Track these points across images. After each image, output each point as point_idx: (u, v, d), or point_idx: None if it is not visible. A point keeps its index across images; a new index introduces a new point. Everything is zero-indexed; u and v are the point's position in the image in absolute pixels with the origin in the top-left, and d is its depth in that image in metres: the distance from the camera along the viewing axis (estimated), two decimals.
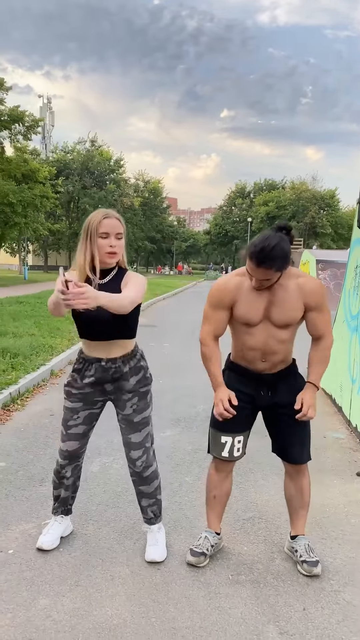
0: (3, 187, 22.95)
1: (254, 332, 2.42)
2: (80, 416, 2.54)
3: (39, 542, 2.61)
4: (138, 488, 2.61)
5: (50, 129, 58.28)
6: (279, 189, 60.69)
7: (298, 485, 2.59)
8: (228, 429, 2.53)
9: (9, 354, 6.61)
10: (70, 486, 2.67)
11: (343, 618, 2.20)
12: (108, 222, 2.33)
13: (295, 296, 2.37)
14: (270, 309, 2.37)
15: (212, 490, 2.65)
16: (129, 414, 2.51)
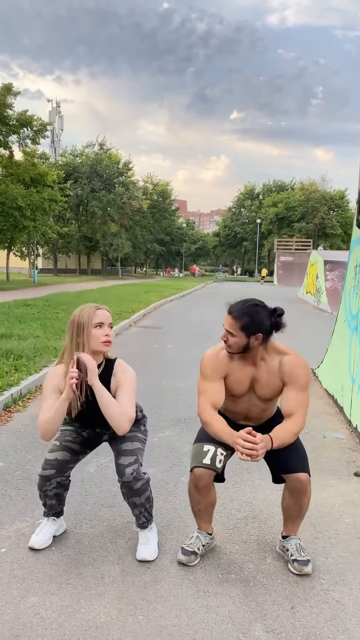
0: (12, 191, 23.11)
1: (238, 401, 2.56)
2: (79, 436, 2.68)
3: (31, 541, 2.62)
4: (130, 500, 2.54)
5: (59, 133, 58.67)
6: (288, 190, 60.57)
7: (297, 501, 2.51)
8: (212, 440, 2.52)
9: (12, 355, 6.66)
10: (55, 496, 2.62)
11: (331, 617, 2.19)
12: (101, 313, 2.45)
13: (275, 373, 2.45)
14: (254, 384, 2.50)
15: (196, 505, 2.61)
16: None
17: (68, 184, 33.85)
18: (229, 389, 2.52)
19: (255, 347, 2.41)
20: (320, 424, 4.86)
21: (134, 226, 47.69)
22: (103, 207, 41.90)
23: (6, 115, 23.53)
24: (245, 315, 2.33)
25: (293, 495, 2.51)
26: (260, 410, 2.57)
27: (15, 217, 23.62)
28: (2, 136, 24.30)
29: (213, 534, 2.70)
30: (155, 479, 3.52)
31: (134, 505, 2.58)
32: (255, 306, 2.36)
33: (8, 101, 23.33)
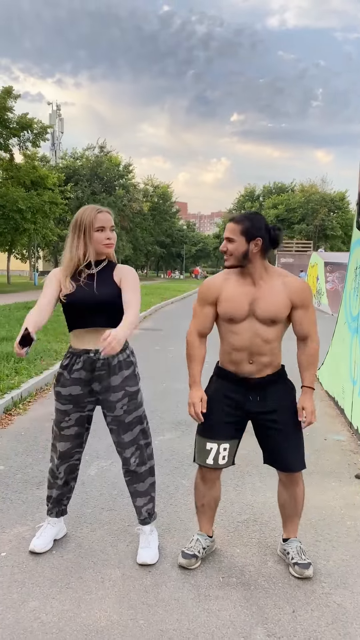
0: (12, 193, 23.14)
1: (240, 331, 2.41)
2: (72, 418, 2.56)
3: (31, 545, 2.62)
4: (132, 487, 2.61)
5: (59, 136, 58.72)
6: (288, 191, 60.58)
7: (292, 494, 2.54)
8: (214, 436, 2.49)
9: (12, 358, 6.66)
10: (62, 486, 2.67)
11: (332, 621, 2.18)
12: (102, 217, 2.44)
13: (281, 292, 2.39)
14: (255, 304, 2.38)
15: (200, 499, 2.62)
16: (119, 415, 2.51)
17: (68, 187, 33.86)
18: (225, 310, 2.41)
19: (255, 260, 2.36)
20: (321, 426, 4.85)
21: (135, 228, 47.72)
22: None
23: (6, 118, 23.56)
24: (246, 219, 2.35)
25: (286, 488, 2.55)
26: (263, 343, 2.39)
27: (15, 219, 23.65)
28: (3, 139, 24.33)
29: (214, 537, 2.69)
30: (157, 482, 3.51)
31: (136, 494, 2.60)
32: (257, 214, 2.39)
33: (8, 104, 23.37)
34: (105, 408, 2.54)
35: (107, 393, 2.51)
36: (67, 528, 2.86)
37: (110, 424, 2.56)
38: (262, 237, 2.35)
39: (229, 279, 2.45)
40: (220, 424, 2.49)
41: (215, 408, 2.50)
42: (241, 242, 2.34)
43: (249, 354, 2.43)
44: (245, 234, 2.33)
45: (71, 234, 2.46)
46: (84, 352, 2.49)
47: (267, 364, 2.45)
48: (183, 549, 2.57)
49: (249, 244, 2.34)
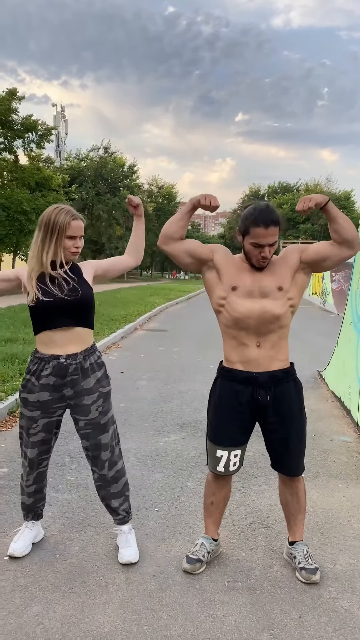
0: (17, 195, 23.19)
1: (244, 307, 2.32)
2: (40, 424, 2.50)
3: (10, 549, 2.57)
4: (106, 490, 2.57)
5: (64, 137, 58.80)
6: (293, 191, 60.45)
7: (293, 491, 2.53)
8: (224, 443, 2.46)
9: (17, 360, 6.65)
10: (34, 493, 2.63)
11: (340, 626, 2.14)
12: (76, 225, 2.38)
13: (279, 261, 2.39)
14: (259, 280, 2.35)
15: (209, 497, 2.61)
16: (95, 417, 2.48)
17: (73, 188, 33.91)
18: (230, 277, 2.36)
19: None
20: (327, 427, 4.81)
21: None
22: (108, 210, 41.99)
23: (11, 120, 23.63)
24: (280, 216, 2.29)
25: (287, 486, 2.53)
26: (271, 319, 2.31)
27: (20, 221, 23.69)
28: (7, 141, 24.41)
29: (219, 540, 2.66)
30: (161, 484, 3.48)
31: (111, 497, 2.58)
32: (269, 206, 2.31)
33: (13, 106, 23.44)
34: (78, 413, 2.49)
35: (81, 397, 2.46)
36: (70, 532, 2.83)
37: (84, 428, 2.50)
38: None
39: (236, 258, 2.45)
40: (230, 430, 2.45)
41: (223, 413, 2.45)
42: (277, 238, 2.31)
43: (255, 334, 2.35)
44: (282, 228, 2.31)
45: (41, 235, 2.37)
46: (53, 358, 2.42)
47: (275, 349, 2.37)
48: (187, 553, 2.54)
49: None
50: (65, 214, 2.36)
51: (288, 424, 2.42)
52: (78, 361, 2.44)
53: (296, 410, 2.44)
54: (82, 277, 2.49)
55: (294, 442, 2.44)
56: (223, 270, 2.40)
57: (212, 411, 2.52)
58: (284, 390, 2.41)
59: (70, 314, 2.40)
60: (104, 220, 42.41)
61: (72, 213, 2.37)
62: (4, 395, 5.11)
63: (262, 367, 2.37)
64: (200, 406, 5.42)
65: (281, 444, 2.45)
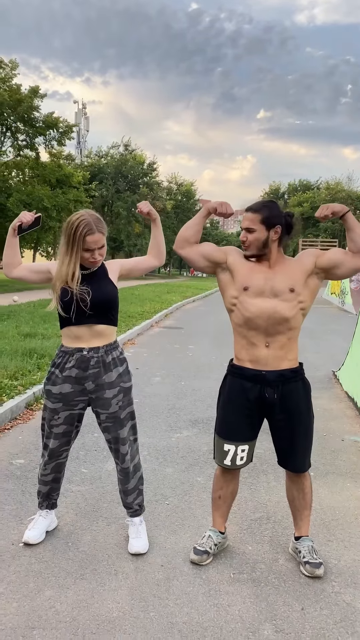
0: (38, 192, 23.50)
1: (254, 306, 2.40)
2: (61, 416, 2.59)
3: (25, 536, 2.68)
4: (124, 486, 2.69)
5: (85, 134, 59.24)
6: (313, 189, 59.96)
7: (299, 487, 2.60)
8: (232, 437, 2.53)
9: (35, 354, 6.80)
10: (52, 482, 2.74)
11: (341, 619, 2.20)
12: (91, 239, 2.42)
13: (294, 264, 2.46)
14: (272, 279, 2.42)
15: (217, 490, 2.69)
16: (115, 411, 2.58)
17: (93, 185, 34.23)
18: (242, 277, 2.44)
19: (272, 247, 2.41)
20: (339, 427, 4.84)
21: None
22: (127, 207, 42.22)
23: (33, 117, 23.92)
24: (265, 207, 2.38)
25: (294, 482, 2.59)
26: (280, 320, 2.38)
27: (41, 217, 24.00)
28: (29, 138, 24.73)
29: (226, 534, 2.73)
30: (172, 478, 3.57)
31: (128, 492, 2.69)
32: (272, 202, 2.42)
33: (35, 103, 23.73)
34: (99, 406, 2.58)
35: (102, 390, 2.55)
36: (83, 521, 2.93)
37: (105, 421, 2.60)
38: (281, 224, 2.40)
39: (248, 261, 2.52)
40: (238, 425, 2.52)
41: (232, 409, 2.53)
42: (261, 230, 2.38)
43: (264, 335, 2.42)
44: (265, 222, 2.37)
45: (64, 245, 2.47)
46: (77, 351, 2.53)
47: (284, 349, 2.43)
48: (195, 545, 2.62)
49: (269, 232, 2.38)
50: (83, 227, 2.38)
51: (295, 422, 2.48)
52: (100, 354, 2.54)
53: (303, 408, 2.49)
54: (107, 276, 2.58)
55: (300, 440, 2.51)
56: (236, 271, 2.48)
57: (221, 407, 2.60)
58: (291, 389, 2.47)
59: (94, 312, 2.50)
60: (123, 218, 42.66)
61: (89, 227, 2.39)
62: (22, 389, 5.24)
63: (270, 366, 2.44)
64: (213, 404, 5.48)
65: (287, 442, 2.52)
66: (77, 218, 2.43)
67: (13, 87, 23.28)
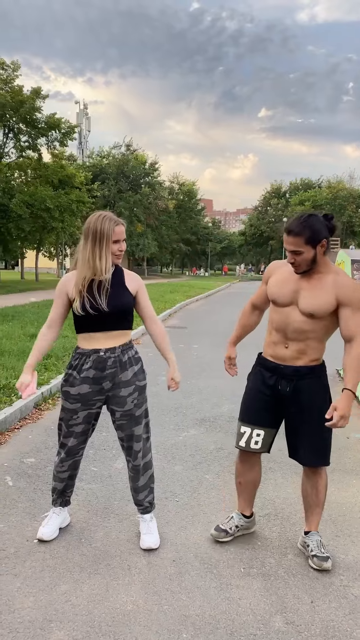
0: (41, 192, 23.54)
1: (281, 313, 2.53)
2: (80, 416, 2.66)
3: (39, 533, 2.74)
4: (135, 483, 2.75)
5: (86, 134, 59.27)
6: (315, 188, 59.95)
7: (313, 485, 2.66)
8: (248, 420, 2.68)
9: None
10: (67, 479, 2.80)
11: (350, 611, 2.26)
12: (119, 230, 2.55)
13: (329, 288, 2.43)
14: (300, 293, 2.48)
15: (238, 477, 2.83)
16: (130, 409, 2.64)
17: (95, 185, 34.25)
18: (271, 292, 2.57)
19: (320, 258, 2.43)
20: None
21: (160, 226, 47.96)
22: (130, 207, 42.27)
23: (35, 118, 23.97)
24: (306, 227, 2.36)
25: (309, 478, 2.68)
26: (297, 331, 2.47)
27: (44, 218, 24.05)
28: (31, 139, 24.76)
29: (252, 518, 2.85)
30: (180, 476, 3.63)
31: (139, 489, 2.75)
32: (310, 217, 2.40)
33: (37, 104, 23.77)
34: (114, 404, 2.65)
35: (118, 389, 2.62)
36: (95, 518, 3.00)
37: (120, 419, 2.66)
38: (326, 236, 2.41)
39: (287, 267, 2.57)
40: (256, 410, 2.66)
41: (252, 394, 2.69)
42: (308, 250, 2.39)
43: (284, 337, 2.54)
44: (311, 242, 2.37)
45: (90, 244, 2.51)
46: (93, 352, 2.59)
47: (302, 353, 2.53)
48: (218, 524, 2.80)
49: (316, 249, 2.40)
50: (109, 221, 2.51)
51: (305, 417, 2.56)
52: (117, 355, 2.60)
53: (317, 405, 2.56)
54: (124, 283, 2.63)
55: (309, 435, 2.57)
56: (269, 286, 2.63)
57: (244, 392, 2.77)
58: (305, 384, 2.56)
59: (112, 321, 2.58)
60: (125, 218, 42.66)
61: (114, 219, 2.54)
62: None
63: (288, 362, 2.57)
64: (219, 402, 5.55)
65: (295, 435, 2.62)
66: (98, 215, 2.54)
67: (15, 89, 23.33)
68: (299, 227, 2.37)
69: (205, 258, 71.69)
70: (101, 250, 2.51)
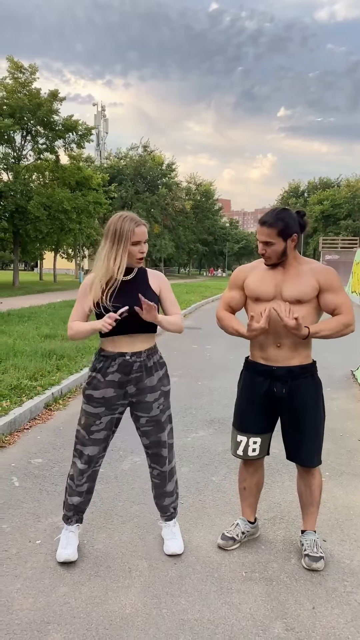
0: (58, 194, 23.75)
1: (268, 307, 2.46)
2: (103, 421, 2.57)
3: (64, 555, 2.56)
4: (162, 489, 2.69)
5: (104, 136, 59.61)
6: (334, 187, 59.35)
7: (307, 483, 2.65)
8: (244, 429, 2.64)
9: (55, 355, 6.90)
10: (84, 493, 2.65)
11: (352, 618, 2.21)
12: (140, 231, 2.46)
13: (308, 275, 2.47)
14: (281, 285, 2.48)
15: (241, 482, 2.79)
16: (156, 414, 2.58)
17: (112, 187, 34.42)
18: (252, 289, 2.53)
19: (289, 252, 2.47)
20: (356, 427, 4.81)
21: (177, 227, 48.00)
22: (147, 208, 42.41)
23: (52, 120, 24.19)
24: (279, 220, 2.41)
25: (303, 478, 2.65)
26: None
27: (61, 220, 24.26)
28: (49, 141, 25.00)
29: (256, 523, 2.82)
30: (187, 477, 3.60)
31: (164, 495, 2.70)
32: (284, 210, 2.45)
33: (54, 107, 23.99)
34: (140, 410, 2.58)
35: (143, 394, 2.56)
36: (98, 520, 2.99)
37: (145, 425, 2.59)
38: (297, 231, 2.45)
39: (258, 267, 2.59)
40: (250, 417, 2.62)
41: (245, 402, 2.64)
42: (279, 242, 2.43)
43: (275, 336, 2.49)
44: (282, 234, 2.42)
45: (108, 244, 2.45)
46: (119, 355, 2.52)
47: (294, 350, 2.49)
48: (223, 532, 2.76)
49: (286, 242, 2.44)
50: (130, 221, 2.44)
51: (302, 416, 2.54)
52: (142, 359, 2.53)
53: (312, 404, 2.54)
54: (149, 282, 2.56)
55: (305, 435, 2.55)
56: (247, 289, 2.59)
57: (236, 400, 2.72)
58: (300, 384, 2.52)
59: (136, 324, 2.50)
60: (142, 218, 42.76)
61: (135, 220, 2.45)
62: (41, 390, 5.33)
63: (280, 362, 2.53)
64: (229, 404, 5.51)
65: (294, 436, 2.58)
66: (120, 215, 2.47)
67: (33, 92, 23.58)
68: (272, 219, 2.41)
69: (223, 258, 71.51)
70: (117, 251, 2.44)
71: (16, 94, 23.14)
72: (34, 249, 28.96)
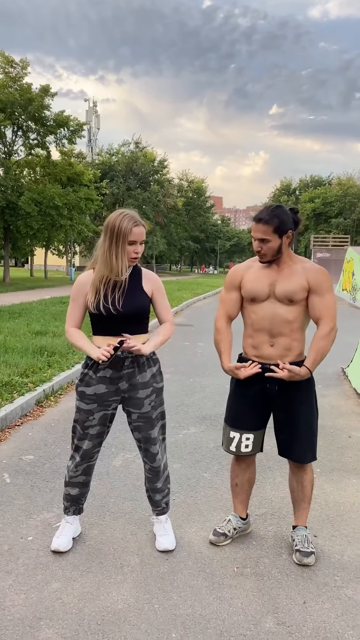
0: (49, 190, 23.63)
1: (261, 310, 2.52)
2: (96, 417, 2.59)
3: (54, 544, 2.63)
4: (153, 485, 2.71)
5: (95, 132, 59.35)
6: (325, 185, 59.55)
7: (299, 479, 2.67)
8: (237, 425, 2.65)
9: (46, 352, 6.88)
10: (80, 485, 2.70)
11: (342, 612, 2.23)
12: (137, 231, 2.44)
13: (299, 274, 2.50)
14: (275, 285, 2.50)
15: (233, 478, 2.81)
16: (147, 411, 2.59)
17: (104, 183, 34.32)
18: (248, 290, 2.55)
19: (284, 250, 2.49)
20: (347, 424, 4.85)
21: (169, 224, 47.95)
22: (138, 205, 42.29)
23: (43, 116, 24.04)
24: (275, 217, 2.43)
25: (294, 474, 2.67)
26: (283, 323, 2.48)
27: (52, 216, 24.14)
28: (40, 137, 24.86)
29: (248, 520, 2.83)
30: (179, 474, 3.61)
31: (155, 490, 2.71)
32: (279, 207, 2.47)
33: (45, 102, 23.84)
34: (132, 406, 2.59)
35: (135, 390, 2.57)
36: (90, 516, 2.99)
37: (136, 421, 2.61)
38: (292, 228, 2.47)
39: (253, 265, 2.60)
40: (243, 414, 2.63)
41: (237, 398, 2.65)
42: (275, 239, 2.45)
43: (269, 335, 2.52)
44: (278, 231, 2.43)
45: (107, 241, 2.44)
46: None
47: (288, 348, 2.52)
48: (215, 527, 2.77)
49: (282, 238, 2.46)
50: (128, 220, 2.41)
51: (294, 413, 2.56)
52: (133, 355, 2.54)
53: (302, 401, 2.56)
54: (141, 284, 2.55)
55: (299, 431, 2.57)
56: (243, 289, 2.60)
57: (229, 396, 2.73)
58: (292, 381, 2.52)
59: (128, 324, 2.50)
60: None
61: (134, 219, 2.43)
62: (32, 386, 5.32)
63: (274, 360, 2.54)
64: (221, 400, 5.52)
65: (286, 432, 2.60)
66: (120, 213, 2.45)
67: (24, 87, 23.41)
68: (268, 215, 2.43)
69: (215, 256, 71.60)
70: (117, 249, 2.43)
71: (7, 88, 22.95)
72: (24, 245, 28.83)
